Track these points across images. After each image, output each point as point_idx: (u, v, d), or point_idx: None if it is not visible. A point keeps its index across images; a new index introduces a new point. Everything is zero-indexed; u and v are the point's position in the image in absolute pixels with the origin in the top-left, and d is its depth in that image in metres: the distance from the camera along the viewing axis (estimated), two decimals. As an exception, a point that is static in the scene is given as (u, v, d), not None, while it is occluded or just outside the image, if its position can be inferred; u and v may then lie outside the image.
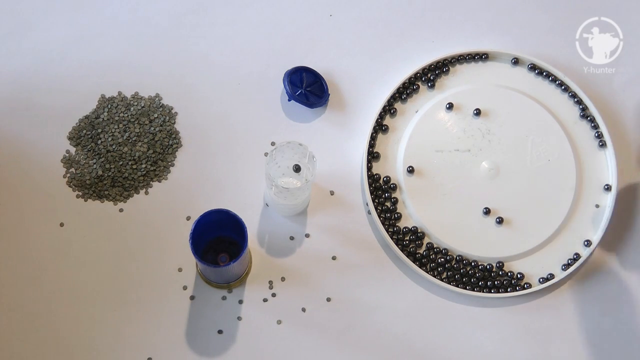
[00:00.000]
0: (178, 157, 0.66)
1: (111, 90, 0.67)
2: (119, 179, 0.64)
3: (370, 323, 0.62)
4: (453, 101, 0.66)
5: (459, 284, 0.63)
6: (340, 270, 0.63)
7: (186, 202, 0.64)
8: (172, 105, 0.67)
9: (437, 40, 0.69)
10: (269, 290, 0.62)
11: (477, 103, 0.66)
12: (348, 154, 0.66)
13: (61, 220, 0.63)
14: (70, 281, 0.62)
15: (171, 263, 0.63)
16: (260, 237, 0.64)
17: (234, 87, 0.68)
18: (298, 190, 0.59)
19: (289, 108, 0.67)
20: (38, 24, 0.68)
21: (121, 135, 0.65)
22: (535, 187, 0.65)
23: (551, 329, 0.63)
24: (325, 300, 0.62)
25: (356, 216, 0.65)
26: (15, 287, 0.62)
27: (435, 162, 0.65)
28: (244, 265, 0.61)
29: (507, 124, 0.66)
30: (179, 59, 0.68)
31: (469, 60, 0.68)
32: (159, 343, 0.61)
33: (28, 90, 0.67)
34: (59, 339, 0.61)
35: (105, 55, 0.68)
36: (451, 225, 0.64)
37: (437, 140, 0.66)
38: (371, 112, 0.66)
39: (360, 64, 0.69)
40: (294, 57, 0.68)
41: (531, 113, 0.66)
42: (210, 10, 0.69)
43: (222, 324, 0.62)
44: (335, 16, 0.70)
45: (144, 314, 0.61)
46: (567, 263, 0.63)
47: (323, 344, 0.62)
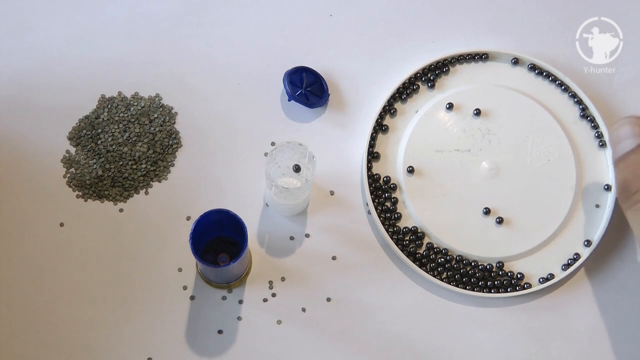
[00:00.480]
0: (178, 157, 0.66)
1: (111, 90, 0.67)
2: (119, 179, 0.64)
3: (370, 323, 0.62)
4: (453, 101, 0.66)
5: (459, 284, 0.63)
6: (340, 270, 0.63)
7: (186, 202, 0.64)
8: (172, 105, 0.67)
9: (437, 40, 0.70)
10: (269, 290, 0.63)
11: (477, 103, 0.66)
12: (348, 154, 0.66)
13: (61, 220, 0.63)
14: (70, 281, 0.62)
15: (171, 263, 0.63)
16: (260, 237, 0.64)
17: (234, 87, 0.68)
18: (298, 190, 0.59)
19: (289, 108, 0.67)
20: (37, 24, 0.68)
21: (121, 135, 0.65)
22: (535, 187, 0.65)
23: (551, 329, 0.63)
24: (325, 300, 0.62)
25: (356, 216, 0.65)
26: (15, 287, 0.62)
27: (435, 162, 0.65)
28: (244, 265, 0.61)
29: (507, 124, 0.66)
30: (179, 59, 0.68)
31: (469, 60, 0.68)
32: (159, 343, 0.61)
33: (28, 90, 0.67)
34: (59, 339, 0.61)
35: (105, 55, 0.68)
36: (451, 225, 0.64)
37: (437, 140, 0.66)
38: (371, 112, 0.66)
39: (360, 64, 0.69)
40: (294, 57, 0.68)
41: (531, 113, 0.66)
42: (211, 10, 0.69)
43: (222, 324, 0.62)
44: (335, 16, 0.70)
45: (144, 314, 0.61)
46: (567, 263, 0.63)
47: (323, 344, 0.62)
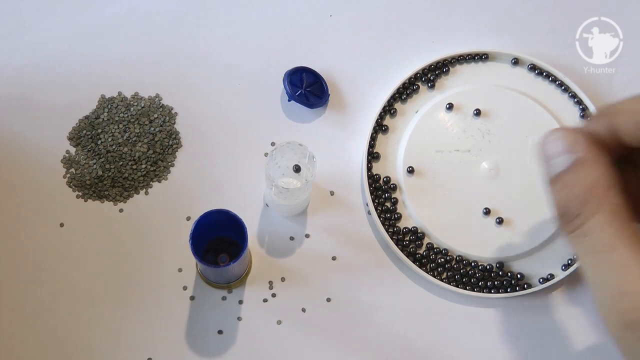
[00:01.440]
0: (178, 157, 0.66)
1: (111, 90, 0.67)
2: (119, 179, 0.64)
3: (370, 323, 0.62)
4: (453, 101, 0.66)
5: (459, 284, 0.63)
6: (340, 271, 0.63)
7: (186, 202, 0.64)
8: (172, 106, 0.67)
9: (437, 40, 0.70)
10: (269, 291, 0.63)
11: (477, 103, 0.66)
12: (348, 154, 0.66)
13: (61, 221, 0.63)
14: (70, 281, 0.62)
15: (171, 263, 0.63)
16: (260, 237, 0.64)
17: (234, 87, 0.68)
18: (298, 190, 0.59)
19: (289, 108, 0.67)
20: (38, 24, 0.68)
21: (121, 135, 0.65)
22: (535, 187, 0.65)
23: (551, 329, 0.63)
24: (325, 301, 0.62)
25: (356, 216, 0.65)
26: (15, 287, 0.62)
27: (435, 162, 0.65)
28: (244, 266, 0.61)
29: (507, 124, 0.66)
30: (179, 59, 0.68)
31: (469, 60, 0.68)
32: (159, 343, 0.61)
33: (28, 90, 0.67)
34: (59, 339, 0.61)
35: (105, 55, 0.68)
36: (451, 226, 0.64)
37: (437, 141, 0.66)
38: (371, 113, 0.66)
39: (360, 64, 0.69)
40: (294, 57, 0.68)
41: (531, 113, 0.66)
42: (211, 10, 0.69)
43: (222, 324, 0.62)
44: (335, 16, 0.70)
45: (144, 314, 0.61)
46: (567, 263, 0.63)
47: (323, 344, 0.62)
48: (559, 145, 0.40)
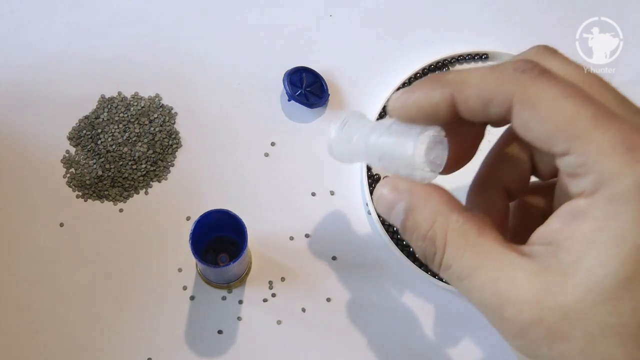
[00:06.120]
0: (178, 157, 0.66)
1: (111, 90, 0.67)
2: (118, 179, 0.64)
3: (370, 323, 0.62)
4: (453, 101, 0.66)
5: (459, 284, 0.63)
6: (340, 270, 0.63)
7: (186, 202, 0.64)
8: (172, 106, 0.67)
9: (437, 40, 0.70)
10: (269, 291, 0.63)
11: (477, 103, 0.66)
12: (348, 154, 0.66)
13: (61, 220, 0.63)
14: (70, 281, 0.62)
15: (171, 263, 0.63)
16: (260, 237, 0.64)
17: (234, 87, 0.68)
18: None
19: (289, 108, 0.67)
20: (37, 24, 0.68)
21: (121, 135, 0.65)
22: (535, 187, 0.65)
23: (551, 329, 0.63)
24: (325, 300, 0.62)
25: (356, 216, 0.65)
26: (15, 287, 0.62)
27: (435, 162, 0.65)
28: (244, 265, 0.61)
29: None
30: (179, 59, 0.68)
31: (469, 60, 0.68)
32: (159, 343, 0.61)
33: (28, 90, 0.67)
34: (59, 339, 0.61)
35: (105, 55, 0.68)
36: (451, 226, 0.64)
37: (437, 141, 0.65)
38: (371, 112, 0.66)
39: (360, 64, 0.69)
40: (294, 57, 0.68)
41: (531, 113, 0.66)
42: (211, 10, 0.69)
43: (222, 324, 0.62)
44: (335, 16, 0.70)
45: (144, 314, 0.61)
46: (567, 263, 0.63)
47: (323, 344, 0.62)
48: (386, 202, 0.39)
